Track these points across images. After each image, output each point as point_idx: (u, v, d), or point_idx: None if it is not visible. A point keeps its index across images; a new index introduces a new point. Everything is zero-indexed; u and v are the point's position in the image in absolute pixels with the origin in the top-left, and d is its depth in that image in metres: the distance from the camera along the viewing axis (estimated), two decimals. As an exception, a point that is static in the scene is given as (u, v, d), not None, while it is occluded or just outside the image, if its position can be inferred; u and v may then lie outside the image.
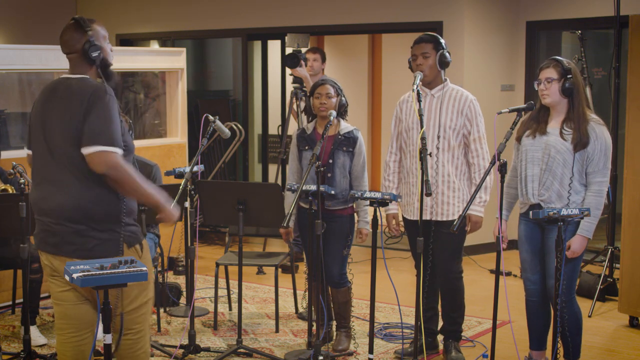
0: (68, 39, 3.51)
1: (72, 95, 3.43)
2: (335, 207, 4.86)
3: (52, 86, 3.56)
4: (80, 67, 3.52)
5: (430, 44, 4.66)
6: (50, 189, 3.46)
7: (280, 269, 6.10)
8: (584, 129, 4.25)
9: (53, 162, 3.46)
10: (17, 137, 7.22)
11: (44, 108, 3.51)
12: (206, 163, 9.02)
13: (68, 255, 3.43)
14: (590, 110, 4.38)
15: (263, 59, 9.21)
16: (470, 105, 4.69)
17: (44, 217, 3.48)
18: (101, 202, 3.44)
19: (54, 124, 3.45)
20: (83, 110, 3.36)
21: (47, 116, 3.48)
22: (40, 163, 3.52)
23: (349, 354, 5.00)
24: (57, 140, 3.44)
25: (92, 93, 3.39)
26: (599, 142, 4.26)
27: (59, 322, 3.61)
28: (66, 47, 3.53)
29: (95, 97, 3.37)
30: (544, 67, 4.34)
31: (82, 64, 3.52)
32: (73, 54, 3.52)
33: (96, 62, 3.50)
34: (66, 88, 3.47)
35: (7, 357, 4.80)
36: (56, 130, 3.44)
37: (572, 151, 4.26)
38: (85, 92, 3.40)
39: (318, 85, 4.91)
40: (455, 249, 4.79)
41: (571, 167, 4.28)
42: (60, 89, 3.49)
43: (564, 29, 7.80)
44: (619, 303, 5.59)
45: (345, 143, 4.87)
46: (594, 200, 4.27)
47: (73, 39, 3.50)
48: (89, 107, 3.36)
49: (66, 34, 3.53)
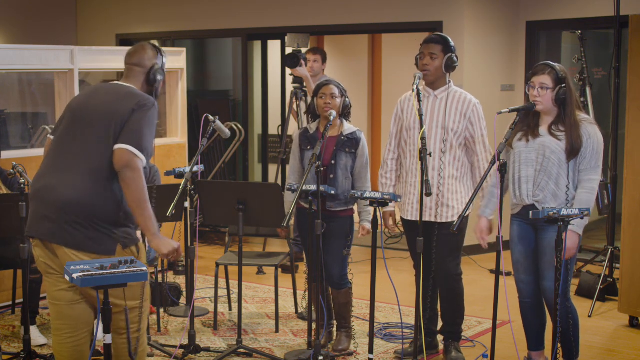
0: (143, 54, 3.78)
1: (123, 96, 3.61)
2: (337, 208, 4.86)
3: (102, 86, 3.84)
4: (135, 80, 3.76)
5: (439, 46, 4.65)
6: (57, 178, 3.52)
7: (280, 269, 6.10)
8: (576, 135, 4.25)
9: (72, 151, 3.56)
10: (17, 137, 7.23)
11: (88, 102, 3.66)
12: (206, 163, 9.02)
13: (60, 243, 3.45)
14: (581, 111, 4.38)
15: (263, 59, 9.21)
16: (473, 108, 4.69)
17: (43, 205, 3.51)
18: (103, 201, 3.48)
19: (92, 118, 3.57)
20: (129, 111, 3.54)
21: (87, 110, 3.61)
22: (57, 150, 3.61)
23: (349, 354, 5.00)
24: (89, 130, 3.55)
25: (142, 99, 3.61)
26: (592, 140, 4.26)
27: (55, 323, 3.61)
28: (136, 57, 3.78)
29: (144, 104, 3.58)
30: (538, 73, 4.31)
31: (139, 78, 3.77)
32: (138, 67, 3.76)
33: (154, 85, 3.79)
34: (118, 90, 3.67)
35: (7, 357, 4.80)
36: (91, 125, 3.56)
37: (565, 156, 4.26)
38: (136, 97, 3.61)
39: (323, 86, 4.90)
40: (455, 250, 4.79)
41: (567, 169, 4.28)
42: (113, 90, 3.69)
43: (564, 29, 7.80)
44: (619, 303, 5.59)
45: (348, 144, 4.87)
46: (585, 197, 4.27)
47: (148, 55, 3.78)
48: (134, 110, 3.54)
49: (143, 50, 3.80)
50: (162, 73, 3.80)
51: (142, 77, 3.76)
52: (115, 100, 3.59)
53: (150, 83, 3.77)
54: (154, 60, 3.78)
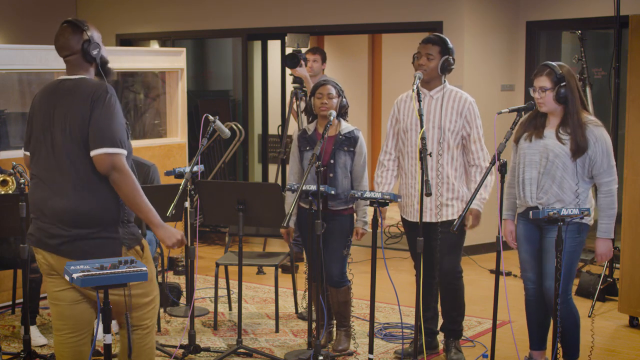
0: (66, 41, 3.52)
1: (74, 96, 3.43)
2: (338, 207, 4.87)
3: (52, 88, 3.55)
4: (79, 68, 3.53)
5: (437, 47, 4.65)
6: (49, 191, 3.46)
7: (280, 269, 6.10)
8: (581, 135, 4.24)
9: (54, 164, 3.46)
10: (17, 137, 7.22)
11: (45, 110, 3.50)
12: (206, 163, 9.02)
13: (66, 256, 3.43)
14: (587, 112, 4.37)
15: (263, 59, 9.21)
16: (469, 107, 4.69)
17: (43, 218, 3.48)
18: (100, 207, 3.44)
19: (56, 125, 3.45)
20: (86, 111, 3.38)
21: (49, 118, 3.48)
22: (40, 165, 3.52)
23: (349, 354, 5.00)
24: (58, 141, 3.44)
25: (94, 92, 3.41)
26: (599, 143, 4.25)
27: (56, 323, 3.60)
28: (65, 49, 3.53)
29: (98, 96, 3.40)
30: (538, 75, 4.32)
31: (82, 64, 3.53)
32: (72, 55, 3.53)
33: (96, 59, 3.52)
34: (67, 89, 3.48)
35: (7, 357, 4.79)
36: (58, 132, 3.44)
37: (571, 156, 4.26)
38: (87, 93, 3.41)
39: (319, 86, 4.91)
40: (455, 249, 4.79)
41: (572, 171, 4.27)
42: (61, 90, 3.49)
43: (564, 29, 7.80)
44: (619, 303, 5.59)
45: (347, 143, 4.88)
46: (604, 201, 4.28)
47: (72, 40, 3.51)
48: (92, 108, 3.38)
49: (63, 36, 3.53)
50: (96, 45, 3.49)
51: (83, 62, 3.51)
52: (71, 105, 3.42)
53: (92, 61, 3.51)
54: (81, 40, 3.49)
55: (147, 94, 8.42)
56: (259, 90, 9.23)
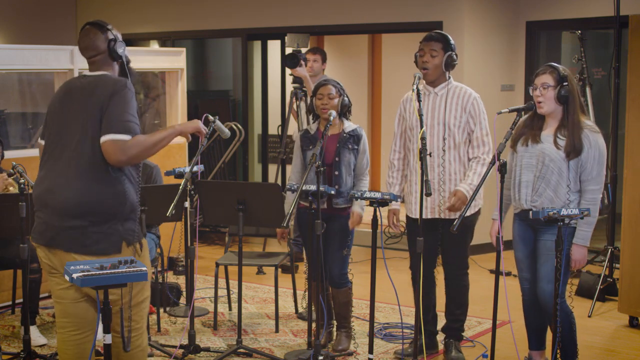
0: (92, 42, 3.59)
1: (93, 89, 3.50)
2: (342, 205, 4.87)
3: (72, 82, 3.64)
4: (103, 66, 3.61)
5: (439, 44, 4.65)
6: (56, 182, 3.49)
7: (280, 269, 6.10)
8: (578, 137, 4.24)
9: (64, 156, 3.50)
10: (17, 137, 7.23)
11: (63, 102, 3.58)
12: (206, 163, 9.02)
13: (65, 249, 3.43)
14: (586, 117, 4.36)
15: (263, 59, 9.21)
16: (473, 102, 4.68)
17: (46, 210, 3.49)
18: (105, 200, 3.46)
19: (72, 116, 3.51)
20: (105, 104, 3.43)
21: (66, 110, 3.54)
22: (50, 156, 3.56)
23: (349, 354, 5.00)
24: (72, 133, 3.49)
25: (115, 85, 3.48)
26: (593, 150, 4.24)
27: (60, 321, 3.61)
28: (91, 50, 3.60)
29: (117, 90, 3.46)
30: (540, 73, 4.33)
31: (107, 63, 3.62)
32: (98, 55, 3.60)
33: (123, 57, 3.62)
34: (87, 83, 3.55)
35: (7, 357, 4.80)
36: (73, 123, 3.49)
37: (566, 160, 4.26)
38: (108, 86, 3.48)
39: (320, 86, 4.92)
40: (462, 246, 4.80)
41: (567, 177, 4.27)
42: (81, 84, 3.57)
43: (564, 29, 7.80)
44: (618, 303, 5.59)
45: (350, 141, 4.89)
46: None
47: (98, 40, 3.59)
48: (110, 100, 3.43)
49: (88, 37, 3.61)
50: (121, 44, 3.60)
51: (108, 61, 3.61)
52: (89, 98, 3.48)
53: (118, 59, 3.62)
54: (106, 40, 3.59)
55: (147, 94, 8.42)
56: (259, 90, 9.23)
